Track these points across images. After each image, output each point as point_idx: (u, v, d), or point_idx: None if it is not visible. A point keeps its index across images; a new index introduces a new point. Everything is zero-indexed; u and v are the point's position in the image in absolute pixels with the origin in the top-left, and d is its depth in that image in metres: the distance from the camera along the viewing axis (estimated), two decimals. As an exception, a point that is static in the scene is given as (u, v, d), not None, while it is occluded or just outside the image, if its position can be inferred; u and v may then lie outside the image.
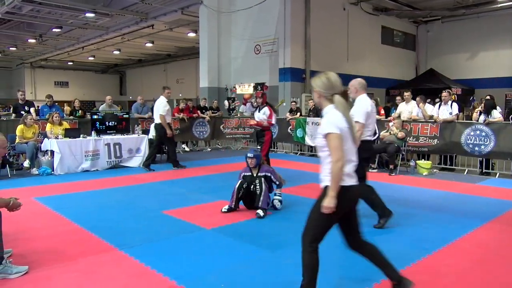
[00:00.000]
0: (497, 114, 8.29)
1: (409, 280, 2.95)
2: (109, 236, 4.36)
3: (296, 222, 4.97)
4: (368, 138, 4.79)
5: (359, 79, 5.03)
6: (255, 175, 5.37)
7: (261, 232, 4.62)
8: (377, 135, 4.98)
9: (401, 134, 8.54)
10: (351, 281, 3.30)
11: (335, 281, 3.31)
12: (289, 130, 11.67)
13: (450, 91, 9.54)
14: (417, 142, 9.04)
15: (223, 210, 5.32)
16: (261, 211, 5.15)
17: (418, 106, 9.30)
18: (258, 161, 5.44)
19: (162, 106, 8.76)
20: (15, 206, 3.51)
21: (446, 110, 8.80)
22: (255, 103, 7.78)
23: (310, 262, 2.91)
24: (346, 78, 13.57)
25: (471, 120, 9.08)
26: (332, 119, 2.75)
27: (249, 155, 5.40)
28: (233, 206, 5.34)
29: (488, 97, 9.16)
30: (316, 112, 11.27)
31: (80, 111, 11.01)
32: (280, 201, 5.49)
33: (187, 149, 12.91)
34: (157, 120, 8.89)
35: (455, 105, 8.86)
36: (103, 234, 4.44)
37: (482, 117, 8.43)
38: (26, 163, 8.39)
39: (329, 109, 2.81)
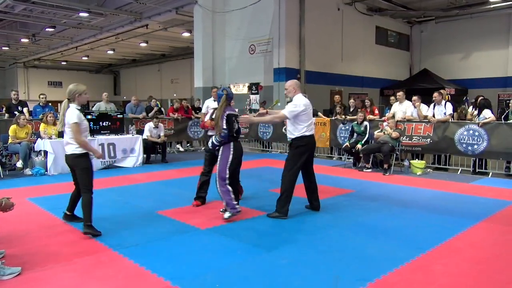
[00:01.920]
0: (488, 114, 8.34)
1: None
2: (103, 237, 4.34)
3: (291, 222, 4.99)
4: (307, 133, 5.20)
5: (294, 80, 5.69)
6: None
7: (256, 232, 4.62)
8: (312, 132, 5.27)
9: (395, 134, 8.58)
10: (346, 281, 3.31)
11: (330, 280, 3.32)
12: (283, 130, 11.66)
13: (442, 91, 9.59)
14: (410, 141, 9.08)
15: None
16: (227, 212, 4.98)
17: (414, 106, 9.30)
18: (220, 97, 5.05)
19: (205, 106, 8.91)
20: (7, 207, 3.49)
21: (441, 111, 8.87)
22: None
23: (87, 201, 4.38)
24: (341, 78, 13.65)
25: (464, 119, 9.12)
26: (77, 113, 4.41)
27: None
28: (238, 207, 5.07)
29: (481, 97, 9.21)
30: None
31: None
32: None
33: (181, 149, 12.89)
34: None
35: (449, 105, 8.93)
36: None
37: (479, 117, 8.49)
38: (19, 164, 8.34)
39: (71, 107, 4.46)
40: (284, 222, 4.99)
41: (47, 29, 19.94)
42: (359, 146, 8.98)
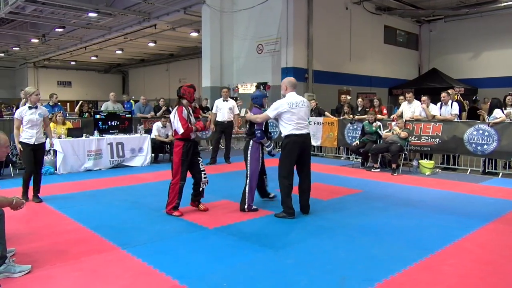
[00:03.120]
0: (499, 113, 8.26)
1: None
2: (112, 236, 4.37)
3: (298, 222, 4.99)
4: (295, 132, 5.10)
5: (290, 77, 5.65)
6: None
7: (263, 231, 4.63)
8: (303, 131, 5.17)
9: (404, 134, 8.52)
10: (353, 281, 3.30)
11: (337, 280, 3.31)
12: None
13: (450, 91, 9.50)
14: (419, 141, 9.03)
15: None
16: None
17: (423, 106, 9.24)
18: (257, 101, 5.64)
19: (215, 106, 9.80)
20: (18, 205, 3.52)
21: (448, 111, 8.85)
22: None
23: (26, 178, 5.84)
24: (349, 78, 13.60)
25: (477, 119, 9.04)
26: (19, 111, 5.95)
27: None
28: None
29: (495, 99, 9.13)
30: (318, 111, 11.27)
31: (86, 114, 11.12)
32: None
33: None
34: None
35: (455, 104, 8.89)
36: (106, 234, 4.45)
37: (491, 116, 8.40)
38: (29, 163, 8.41)
39: (26, 105, 6.00)
40: (291, 222, 4.99)
41: (56, 30, 20.10)
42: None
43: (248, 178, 5.36)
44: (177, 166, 5.27)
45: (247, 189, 5.36)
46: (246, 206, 5.35)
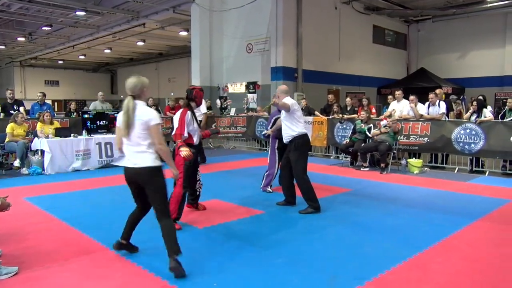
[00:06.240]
0: (488, 113, 8.38)
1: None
2: (100, 236, 4.33)
3: (288, 220, 5.00)
4: (304, 131, 5.45)
5: (283, 85, 5.85)
6: None
7: (253, 231, 4.62)
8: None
9: (396, 126, 8.61)
10: (344, 279, 3.32)
11: (327, 278, 3.32)
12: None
13: (437, 92, 9.59)
14: (408, 140, 9.10)
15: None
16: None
17: (411, 105, 9.34)
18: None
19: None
20: (4, 207, 3.48)
21: (436, 111, 8.96)
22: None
23: (170, 227, 3.66)
24: (338, 77, 13.62)
25: (461, 119, 9.17)
26: (156, 112, 3.68)
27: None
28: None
29: (480, 97, 9.29)
30: (308, 111, 11.30)
31: (75, 113, 11.01)
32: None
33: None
34: None
35: (442, 104, 8.99)
36: (95, 234, 4.41)
37: (473, 117, 8.50)
38: (16, 163, 8.31)
39: (141, 104, 3.71)
40: (281, 221, 5.00)
41: (43, 28, 19.81)
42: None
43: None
44: (180, 173, 4.69)
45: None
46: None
